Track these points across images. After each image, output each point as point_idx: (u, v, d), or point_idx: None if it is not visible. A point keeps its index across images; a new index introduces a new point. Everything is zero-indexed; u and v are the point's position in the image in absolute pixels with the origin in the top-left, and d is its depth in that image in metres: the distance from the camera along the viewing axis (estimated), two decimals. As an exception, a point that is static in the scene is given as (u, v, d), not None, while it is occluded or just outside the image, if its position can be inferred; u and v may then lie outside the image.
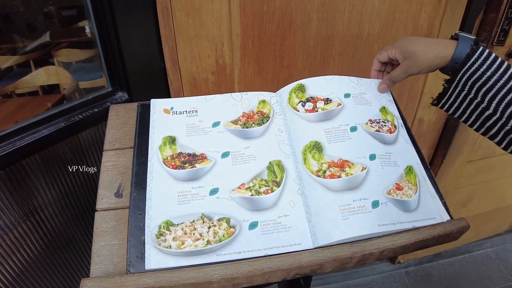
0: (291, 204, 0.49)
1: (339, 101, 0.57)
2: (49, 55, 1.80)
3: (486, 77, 0.50)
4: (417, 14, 0.92)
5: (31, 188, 0.81)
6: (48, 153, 0.83)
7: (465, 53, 0.51)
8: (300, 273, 0.45)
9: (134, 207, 0.48)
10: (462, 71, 0.52)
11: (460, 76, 0.53)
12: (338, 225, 0.46)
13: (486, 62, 0.50)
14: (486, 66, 0.50)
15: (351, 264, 0.47)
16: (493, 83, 0.50)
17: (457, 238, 0.55)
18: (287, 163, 0.52)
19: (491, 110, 0.51)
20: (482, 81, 0.51)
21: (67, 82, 1.67)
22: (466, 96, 0.54)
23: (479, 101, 0.52)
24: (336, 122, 0.55)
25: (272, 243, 0.45)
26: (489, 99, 0.51)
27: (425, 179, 0.54)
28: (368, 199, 0.49)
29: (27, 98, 1.59)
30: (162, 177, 0.50)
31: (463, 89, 0.54)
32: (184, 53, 0.83)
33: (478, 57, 0.51)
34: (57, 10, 1.79)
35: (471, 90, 0.53)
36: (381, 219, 0.47)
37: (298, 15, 0.83)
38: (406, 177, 0.53)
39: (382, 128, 0.56)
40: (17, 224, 0.79)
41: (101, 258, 0.46)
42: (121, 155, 0.54)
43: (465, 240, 1.62)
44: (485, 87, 0.51)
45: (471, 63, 0.51)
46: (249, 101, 0.58)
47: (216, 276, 0.42)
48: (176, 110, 0.56)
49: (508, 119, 0.50)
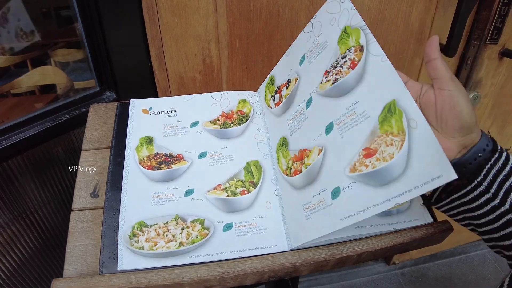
0: (267, 205, 0.48)
1: (296, 75, 0.50)
2: (46, 55, 1.80)
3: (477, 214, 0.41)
4: (408, 11, 0.91)
5: (19, 190, 0.81)
6: (36, 153, 0.83)
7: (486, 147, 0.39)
8: (275, 276, 0.44)
9: (109, 207, 0.48)
10: (489, 163, 0.39)
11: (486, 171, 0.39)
12: (303, 226, 0.44)
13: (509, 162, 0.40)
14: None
15: (328, 267, 0.46)
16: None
17: (440, 241, 0.54)
18: (265, 163, 0.51)
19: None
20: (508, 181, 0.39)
21: (63, 82, 1.67)
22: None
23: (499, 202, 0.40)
24: (294, 105, 0.48)
25: (246, 245, 0.45)
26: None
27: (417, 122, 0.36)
28: (326, 190, 0.41)
29: (21, 98, 1.60)
30: (138, 178, 0.49)
31: (487, 191, 0.40)
32: (171, 52, 0.82)
33: (500, 155, 0.40)
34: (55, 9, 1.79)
35: (490, 188, 0.39)
36: (347, 210, 0.39)
37: (286, 13, 0.82)
38: (382, 128, 0.37)
39: (341, 71, 0.43)
40: (6, 226, 0.79)
41: (74, 258, 0.46)
42: (99, 155, 0.54)
43: (461, 241, 1.60)
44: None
45: (497, 157, 0.40)
46: (229, 101, 0.57)
47: (187, 278, 0.41)
48: (154, 110, 0.56)
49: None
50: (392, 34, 0.92)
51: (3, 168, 0.77)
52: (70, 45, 1.90)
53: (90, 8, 0.76)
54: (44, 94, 1.72)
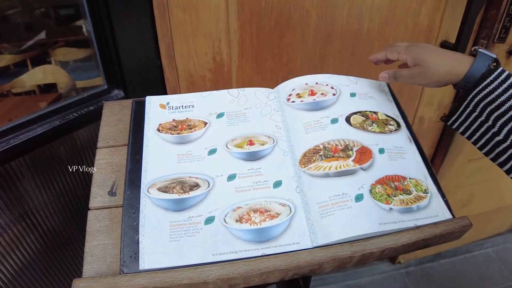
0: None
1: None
2: (46, 54, 1.79)
3: (499, 102, 0.45)
4: (418, 10, 0.91)
5: (26, 188, 0.80)
6: (43, 152, 0.82)
7: (480, 73, 0.47)
8: (299, 273, 0.44)
9: (128, 205, 0.47)
10: (474, 92, 0.48)
11: (472, 97, 0.48)
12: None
13: (503, 85, 0.46)
14: (501, 90, 0.45)
15: (351, 264, 0.46)
16: (507, 109, 0.45)
17: (459, 237, 0.53)
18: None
19: (502, 137, 0.47)
20: (495, 105, 0.46)
21: (64, 81, 1.66)
22: (477, 118, 0.49)
23: (490, 125, 0.48)
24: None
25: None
26: (500, 125, 0.46)
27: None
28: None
29: (23, 97, 1.58)
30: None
31: (474, 111, 0.49)
32: (181, 50, 0.81)
33: (495, 79, 0.46)
34: (55, 8, 1.78)
35: (482, 113, 0.48)
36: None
37: (297, 12, 0.82)
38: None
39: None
40: (12, 225, 0.78)
41: (94, 258, 0.45)
42: (115, 153, 0.53)
43: (465, 240, 1.60)
44: (498, 112, 0.46)
45: (485, 84, 0.47)
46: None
47: (212, 276, 0.41)
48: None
49: None
50: (402, 33, 0.92)
51: (8, 167, 0.76)
52: (70, 44, 1.89)
53: (99, 4, 0.75)
54: (44, 93, 1.71)
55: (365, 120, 0.54)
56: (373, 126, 0.53)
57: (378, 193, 0.47)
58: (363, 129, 0.53)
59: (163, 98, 0.56)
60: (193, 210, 0.46)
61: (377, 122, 0.54)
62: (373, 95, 0.58)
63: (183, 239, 0.44)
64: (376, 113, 0.56)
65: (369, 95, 0.58)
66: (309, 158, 0.50)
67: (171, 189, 0.47)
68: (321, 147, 0.51)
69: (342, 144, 0.51)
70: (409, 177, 0.50)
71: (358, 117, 0.54)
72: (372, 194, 0.47)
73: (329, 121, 0.53)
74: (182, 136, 0.52)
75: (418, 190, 0.50)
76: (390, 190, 0.48)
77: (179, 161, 0.50)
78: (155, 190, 0.47)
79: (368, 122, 0.54)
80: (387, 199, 0.47)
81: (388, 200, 0.47)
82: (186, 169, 0.49)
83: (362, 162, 0.49)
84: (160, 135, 0.52)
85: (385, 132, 0.54)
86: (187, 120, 0.54)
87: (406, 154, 0.52)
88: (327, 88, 0.56)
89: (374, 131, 0.53)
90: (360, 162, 0.49)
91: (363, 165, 0.49)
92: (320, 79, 0.57)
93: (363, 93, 0.58)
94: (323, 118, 0.53)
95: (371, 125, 0.53)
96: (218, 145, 0.52)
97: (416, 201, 0.48)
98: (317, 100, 0.54)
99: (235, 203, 0.47)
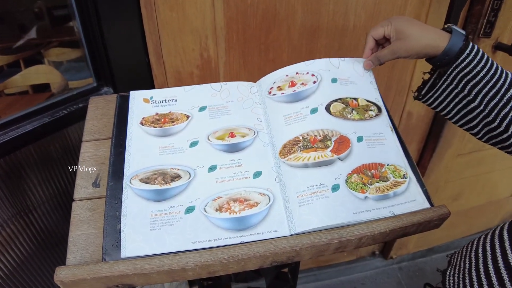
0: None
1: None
2: (39, 54, 1.79)
3: (475, 72, 0.51)
4: (403, 6, 0.92)
5: (17, 186, 0.81)
6: (33, 150, 0.83)
7: (458, 47, 0.51)
8: (277, 261, 0.45)
9: (111, 196, 0.48)
10: (454, 64, 0.52)
11: (451, 70, 0.52)
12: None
13: (476, 57, 0.51)
14: (476, 61, 0.51)
15: (329, 252, 0.47)
16: (481, 77, 0.51)
17: (438, 226, 0.54)
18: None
19: (476, 103, 0.52)
20: (472, 75, 0.51)
21: (57, 82, 1.66)
22: (453, 89, 0.54)
23: (465, 94, 0.53)
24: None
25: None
26: (475, 93, 0.52)
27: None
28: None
29: (16, 97, 1.59)
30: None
31: (451, 83, 0.54)
32: (168, 47, 0.82)
33: (470, 52, 0.51)
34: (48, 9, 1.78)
35: (459, 84, 0.53)
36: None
37: (283, 7, 0.83)
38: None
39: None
40: (5, 224, 0.78)
41: (77, 247, 0.46)
42: (100, 146, 0.54)
43: (457, 235, 1.62)
44: (473, 81, 0.51)
45: (463, 57, 0.51)
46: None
47: (191, 263, 0.42)
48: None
49: (491, 111, 0.51)
50: (387, 28, 0.93)
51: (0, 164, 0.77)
52: (63, 44, 1.89)
53: (88, 3, 0.76)
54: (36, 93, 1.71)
55: (345, 108, 0.55)
56: (353, 114, 0.55)
57: (353, 183, 0.48)
58: (343, 117, 0.54)
59: (146, 92, 0.57)
60: (174, 200, 0.47)
61: (357, 109, 0.55)
62: (355, 79, 0.59)
63: (163, 228, 0.45)
64: (357, 99, 0.56)
65: (351, 79, 0.58)
66: (288, 149, 0.51)
67: (152, 180, 0.48)
68: (301, 138, 0.52)
69: (321, 135, 0.52)
70: (387, 164, 0.52)
71: (338, 104, 0.55)
72: (348, 184, 0.48)
73: (308, 112, 0.54)
74: (165, 129, 0.53)
75: (396, 176, 0.51)
76: (367, 179, 0.49)
77: (161, 153, 0.51)
78: (137, 181, 0.48)
79: (348, 109, 0.55)
80: (362, 188, 0.48)
81: (364, 188, 0.48)
82: (168, 161, 0.50)
83: (340, 152, 0.50)
84: (143, 128, 0.53)
85: (365, 118, 0.55)
86: (169, 114, 0.55)
87: (385, 140, 0.54)
88: (307, 77, 0.57)
89: (353, 119, 0.54)
90: (337, 152, 0.50)
91: (341, 155, 0.50)
92: (301, 68, 0.58)
93: (344, 78, 0.58)
94: (303, 109, 0.54)
95: (351, 112, 0.55)
96: (200, 137, 0.53)
97: (393, 187, 0.49)
98: (297, 91, 0.55)
99: (215, 193, 0.48)
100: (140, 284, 0.43)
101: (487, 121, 0.52)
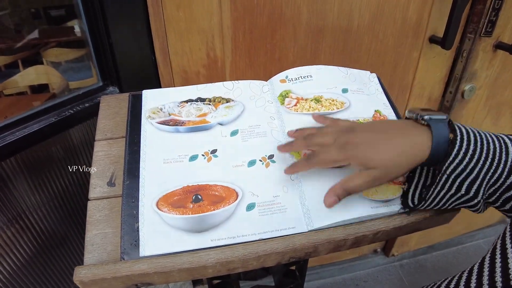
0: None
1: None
2: (38, 55, 1.78)
3: (469, 169, 0.40)
4: (406, 6, 0.93)
5: (21, 186, 0.80)
6: (39, 149, 0.82)
7: (443, 149, 0.41)
8: (295, 256, 0.45)
9: (128, 195, 0.48)
10: (443, 169, 0.41)
11: (441, 174, 0.41)
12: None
13: (469, 150, 0.40)
14: (470, 155, 0.40)
15: (346, 247, 0.48)
16: (477, 172, 0.40)
17: (448, 220, 0.55)
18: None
19: (476, 197, 0.42)
20: (466, 173, 0.40)
21: (57, 82, 1.65)
22: (447, 192, 0.42)
23: (463, 193, 0.42)
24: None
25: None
26: (475, 190, 0.41)
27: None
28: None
29: (16, 98, 1.58)
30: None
31: (443, 187, 0.42)
32: (175, 46, 0.82)
33: (460, 148, 0.40)
34: (46, 9, 1.78)
35: (453, 185, 0.42)
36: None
37: (289, 8, 0.83)
38: None
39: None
40: (5, 227, 0.78)
41: (94, 246, 0.46)
42: (113, 145, 0.54)
43: (457, 232, 1.64)
44: (470, 179, 0.41)
45: (452, 157, 0.40)
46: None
47: (211, 260, 0.42)
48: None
49: (491, 195, 0.42)
50: (391, 28, 0.94)
51: (4, 164, 0.76)
52: (62, 45, 1.88)
53: (94, 2, 0.76)
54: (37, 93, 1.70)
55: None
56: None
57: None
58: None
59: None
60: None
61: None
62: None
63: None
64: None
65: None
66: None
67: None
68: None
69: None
70: None
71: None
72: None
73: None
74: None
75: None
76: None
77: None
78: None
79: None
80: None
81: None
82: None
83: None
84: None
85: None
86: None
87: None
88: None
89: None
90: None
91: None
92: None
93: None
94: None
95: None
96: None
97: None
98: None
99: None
100: (159, 282, 0.43)
101: (488, 202, 0.43)
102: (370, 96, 0.59)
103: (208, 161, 0.50)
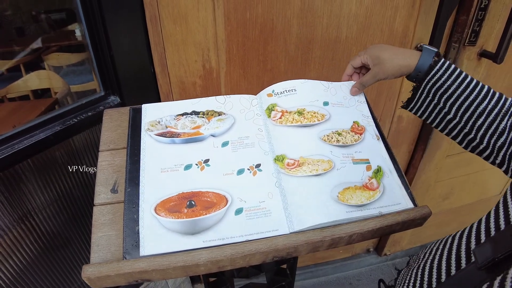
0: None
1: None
2: (39, 59, 1.83)
3: (447, 86, 0.56)
4: (393, 18, 0.98)
5: (27, 191, 0.85)
6: (44, 156, 0.87)
7: (427, 64, 0.57)
8: (278, 256, 0.51)
9: (129, 201, 0.53)
10: (426, 79, 0.58)
11: (425, 84, 0.59)
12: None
13: (447, 72, 0.56)
14: (446, 75, 0.56)
15: (324, 248, 0.53)
16: (453, 90, 0.56)
17: (421, 224, 0.60)
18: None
19: (452, 115, 0.58)
20: (444, 89, 0.57)
21: (59, 86, 1.70)
22: (431, 102, 0.60)
23: (441, 106, 0.59)
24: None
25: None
26: (449, 105, 0.57)
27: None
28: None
29: (20, 103, 1.63)
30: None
31: (427, 96, 0.60)
32: (173, 58, 0.88)
33: (440, 68, 0.57)
34: (47, 13, 1.82)
35: (434, 97, 0.59)
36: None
37: (279, 21, 0.88)
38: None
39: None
40: (12, 227, 0.83)
41: (99, 247, 0.51)
42: (116, 155, 0.59)
43: (449, 232, 1.68)
44: (446, 94, 0.57)
45: (433, 73, 0.57)
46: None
47: (203, 259, 0.47)
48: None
49: (466, 122, 0.57)
50: (378, 39, 0.99)
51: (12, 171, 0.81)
52: (63, 49, 1.93)
53: (96, 19, 0.81)
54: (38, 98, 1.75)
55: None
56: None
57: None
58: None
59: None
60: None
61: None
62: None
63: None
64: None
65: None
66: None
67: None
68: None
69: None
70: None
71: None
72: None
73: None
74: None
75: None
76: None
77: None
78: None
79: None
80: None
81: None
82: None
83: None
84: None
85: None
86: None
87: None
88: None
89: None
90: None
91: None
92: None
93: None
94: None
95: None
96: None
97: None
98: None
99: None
100: (157, 279, 0.49)
101: (465, 132, 0.58)
102: (349, 108, 0.64)
103: (201, 170, 0.56)
